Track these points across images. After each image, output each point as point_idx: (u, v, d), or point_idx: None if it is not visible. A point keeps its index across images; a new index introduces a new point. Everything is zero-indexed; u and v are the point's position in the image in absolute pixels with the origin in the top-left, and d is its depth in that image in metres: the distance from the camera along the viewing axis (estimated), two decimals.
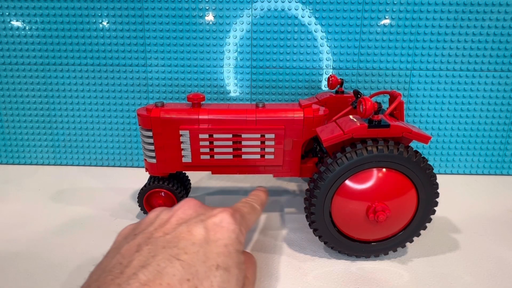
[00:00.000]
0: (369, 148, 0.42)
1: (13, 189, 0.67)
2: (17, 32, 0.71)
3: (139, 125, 0.52)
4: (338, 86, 0.64)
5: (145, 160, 0.54)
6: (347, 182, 0.44)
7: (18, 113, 0.76)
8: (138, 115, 0.52)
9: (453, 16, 0.68)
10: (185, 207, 0.34)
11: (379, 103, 0.43)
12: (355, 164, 0.42)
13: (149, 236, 0.30)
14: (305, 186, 0.70)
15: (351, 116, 0.47)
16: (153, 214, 0.35)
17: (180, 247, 0.29)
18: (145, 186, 0.55)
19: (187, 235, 0.30)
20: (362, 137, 0.43)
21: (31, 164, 0.79)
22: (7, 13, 0.70)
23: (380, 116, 0.44)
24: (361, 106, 0.43)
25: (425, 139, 0.43)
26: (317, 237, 0.47)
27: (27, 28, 0.71)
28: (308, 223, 0.47)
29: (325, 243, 0.47)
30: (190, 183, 0.63)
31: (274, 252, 0.49)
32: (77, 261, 0.47)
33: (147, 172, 0.55)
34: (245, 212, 0.37)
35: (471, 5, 0.67)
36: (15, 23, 0.71)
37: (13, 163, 0.79)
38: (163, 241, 0.29)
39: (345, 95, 0.63)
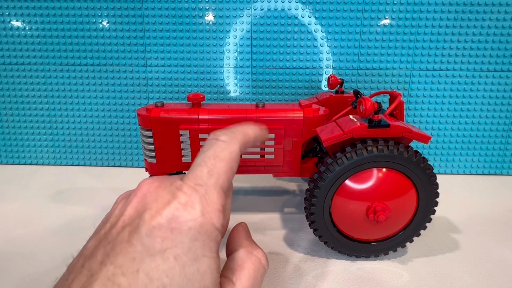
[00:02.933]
0: (369, 148, 0.42)
1: (13, 189, 0.67)
2: (17, 32, 0.71)
3: (139, 125, 0.52)
4: (338, 86, 0.64)
5: (145, 160, 0.54)
6: (347, 182, 0.44)
7: (18, 113, 0.76)
8: (138, 115, 0.52)
9: (453, 16, 0.68)
10: (137, 198, 0.26)
11: (379, 103, 0.43)
12: (355, 164, 0.42)
13: (96, 244, 0.24)
14: (305, 186, 0.70)
15: (351, 116, 0.47)
16: (115, 204, 0.28)
17: (117, 264, 0.22)
18: None
19: (127, 246, 0.23)
20: (362, 137, 0.43)
21: (31, 164, 0.79)
22: (7, 13, 0.70)
23: (380, 116, 0.43)
24: (361, 106, 0.43)
25: (425, 139, 0.43)
26: (317, 237, 0.47)
27: (27, 28, 0.71)
28: (308, 223, 0.46)
29: (325, 243, 0.47)
30: None
31: (274, 252, 0.49)
32: None
33: (147, 172, 0.55)
34: (215, 181, 0.25)
35: (471, 5, 0.67)
36: (15, 23, 0.71)
37: (13, 163, 0.79)
38: (103, 255, 0.23)
39: (345, 95, 0.63)
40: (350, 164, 0.42)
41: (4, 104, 0.75)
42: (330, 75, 0.64)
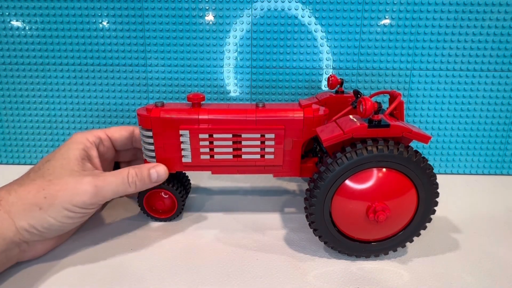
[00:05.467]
0: (369, 148, 0.42)
1: None
2: (17, 32, 0.71)
3: (139, 125, 0.52)
4: (338, 86, 0.64)
5: (145, 160, 0.54)
6: (347, 182, 0.44)
7: (18, 113, 0.76)
8: (138, 115, 0.52)
9: (453, 16, 0.68)
10: None
11: (379, 103, 0.43)
12: (355, 164, 0.42)
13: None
14: (305, 186, 0.70)
15: (351, 116, 0.47)
16: None
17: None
18: None
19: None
20: (362, 137, 0.43)
21: (31, 164, 0.79)
22: (7, 13, 0.70)
23: (380, 116, 0.44)
24: (361, 106, 0.43)
25: (425, 139, 0.43)
26: (317, 237, 0.47)
27: (27, 28, 0.71)
28: (308, 223, 0.46)
29: (325, 243, 0.47)
30: (190, 183, 0.63)
31: (274, 252, 0.49)
32: (76, 261, 0.47)
33: None
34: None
35: (471, 5, 0.67)
36: (15, 23, 0.71)
37: (13, 163, 0.79)
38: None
39: (345, 95, 0.63)
40: (350, 164, 0.42)
41: (4, 104, 0.75)
42: (330, 75, 0.64)
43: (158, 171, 0.51)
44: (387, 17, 0.69)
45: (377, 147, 0.42)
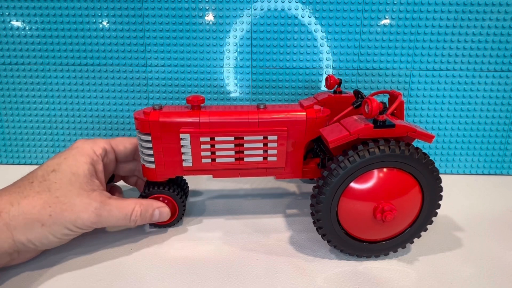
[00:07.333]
0: (382, 148, 0.42)
1: None
2: (17, 32, 0.71)
3: (136, 129, 0.51)
4: (336, 86, 0.64)
5: (143, 165, 0.53)
6: (356, 181, 0.44)
7: (18, 113, 0.76)
8: (136, 118, 0.50)
9: (453, 16, 0.68)
10: None
11: (385, 103, 0.43)
12: (366, 163, 0.42)
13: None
14: (305, 187, 0.70)
15: (355, 117, 0.47)
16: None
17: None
18: (144, 192, 0.53)
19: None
20: (367, 138, 0.43)
21: (31, 164, 0.79)
22: (7, 13, 0.70)
23: (385, 116, 0.44)
24: (366, 106, 0.43)
25: (429, 138, 0.44)
26: (320, 237, 0.47)
27: (27, 28, 0.71)
28: (313, 221, 0.46)
29: (328, 241, 0.47)
30: (188, 186, 0.62)
31: (274, 253, 0.49)
32: (75, 261, 0.47)
33: (145, 178, 0.54)
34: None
35: (471, 5, 0.67)
36: (15, 23, 0.71)
37: (13, 163, 0.79)
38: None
39: (343, 95, 0.63)
40: (362, 163, 0.42)
41: (4, 104, 0.75)
42: (328, 75, 0.63)
43: (161, 213, 0.51)
44: (387, 17, 0.69)
45: (389, 147, 0.42)
